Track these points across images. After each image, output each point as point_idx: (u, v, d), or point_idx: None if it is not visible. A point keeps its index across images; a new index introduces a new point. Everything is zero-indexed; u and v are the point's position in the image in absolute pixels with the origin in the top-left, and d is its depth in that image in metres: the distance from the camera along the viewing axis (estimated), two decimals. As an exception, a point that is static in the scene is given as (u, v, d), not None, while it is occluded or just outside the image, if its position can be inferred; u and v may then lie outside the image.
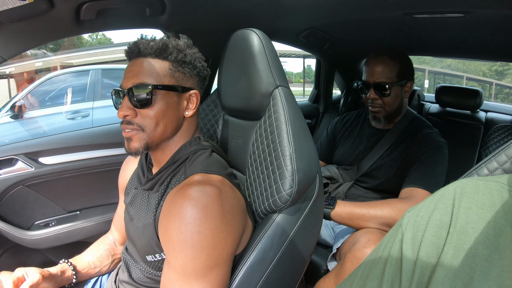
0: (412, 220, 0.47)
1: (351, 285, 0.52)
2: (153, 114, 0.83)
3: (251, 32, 0.97)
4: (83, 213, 1.63)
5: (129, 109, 0.83)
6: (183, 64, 0.86)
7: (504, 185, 0.43)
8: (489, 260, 0.38)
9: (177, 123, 0.88)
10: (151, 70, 0.83)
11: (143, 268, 0.90)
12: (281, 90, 0.93)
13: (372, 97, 1.50)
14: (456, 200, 0.44)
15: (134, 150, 0.84)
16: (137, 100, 0.82)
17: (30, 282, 0.86)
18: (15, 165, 1.48)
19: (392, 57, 1.47)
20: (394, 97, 1.48)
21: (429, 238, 0.44)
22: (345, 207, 1.31)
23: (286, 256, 0.87)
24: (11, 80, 6.73)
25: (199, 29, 1.40)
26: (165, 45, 0.84)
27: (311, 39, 1.91)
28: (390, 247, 0.48)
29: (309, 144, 0.91)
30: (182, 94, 0.87)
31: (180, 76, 0.86)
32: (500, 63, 27.29)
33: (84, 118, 4.61)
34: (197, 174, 0.80)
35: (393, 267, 0.46)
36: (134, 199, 0.95)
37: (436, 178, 1.31)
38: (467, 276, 0.38)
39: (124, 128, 0.85)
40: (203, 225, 0.70)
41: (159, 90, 0.83)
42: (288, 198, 0.83)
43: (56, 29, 1.04)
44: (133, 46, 0.85)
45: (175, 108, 0.86)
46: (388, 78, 1.46)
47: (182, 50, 0.86)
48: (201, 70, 0.91)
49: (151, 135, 0.84)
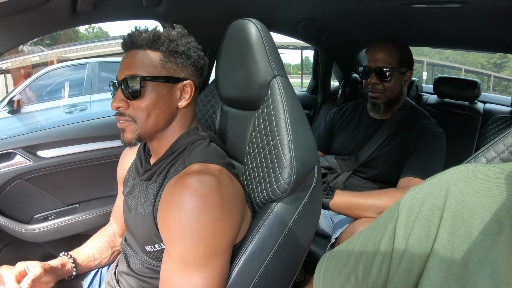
0: (409, 201, 0.47)
1: (351, 251, 0.54)
2: (144, 105, 0.83)
3: (249, 22, 0.96)
4: (82, 206, 1.63)
5: (122, 101, 0.84)
6: (175, 54, 0.85)
7: (503, 170, 0.42)
8: (484, 245, 0.38)
9: (170, 114, 0.87)
10: (142, 62, 0.83)
11: (142, 258, 0.90)
12: (279, 80, 0.93)
13: (373, 81, 1.51)
14: (451, 186, 0.44)
15: (127, 141, 0.86)
16: (129, 92, 0.82)
17: (32, 276, 0.85)
18: (13, 159, 1.47)
19: (394, 44, 1.48)
20: (394, 83, 1.50)
21: (422, 221, 0.44)
22: (343, 197, 1.32)
23: (285, 245, 0.88)
24: (8, 75, 6.69)
25: (196, 20, 1.39)
26: (156, 36, 0.84)
27: (309, 30, 1.90)
28: (387, 224, 0.49)
29: (308, 133, 0.91)
30: (174, 84, 0.86)
31: (173, 66, 0.86)
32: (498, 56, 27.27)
33: (82, 112, 4.59)
34: (196, 164, 0.80)
35: (387, 243, 0.47)
36: (132, 189, 0.95)
37: (433, 168, 1.31)
38: (463, 261, 0.39)
39: (118, 120, 0.86)
40: (202, 215, 0.70)
41: (149, 81, 0.83)
42: (287, 187, 0.83)
43: (52, 22, 1.03)
44: (127, 38, 0.85)
45: (167, 99, 0.86)
46: (390, 63, 1.47)
47: (174, 40, 0.85)
48: (196, 60, 0.89)
49: (143, 126, 0.85)
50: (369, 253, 0.50)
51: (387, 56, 1.47)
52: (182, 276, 0.72)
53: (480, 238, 0.39)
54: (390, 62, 1.47)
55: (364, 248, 0.52)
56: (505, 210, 0.39)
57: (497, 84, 25.58)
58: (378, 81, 1.50)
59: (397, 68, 1.48)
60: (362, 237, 0.54)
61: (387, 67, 1.47)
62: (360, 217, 1.29)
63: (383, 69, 1.48)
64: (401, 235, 0.45)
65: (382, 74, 1.48)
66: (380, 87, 1.51)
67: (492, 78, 24.75)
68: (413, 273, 0.43)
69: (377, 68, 1.48)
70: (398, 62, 1.47)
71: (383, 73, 1.48)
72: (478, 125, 2.16)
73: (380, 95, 1.52)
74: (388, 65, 1.47)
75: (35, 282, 0.86)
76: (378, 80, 1.50)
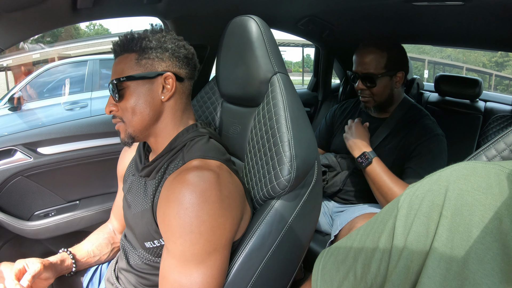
0: (408, 198, 0.47)
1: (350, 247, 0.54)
2: (127, 105, 0.86)
3: (249, 18, 0.96)
4: (82, 203, 1.63)
5: (112, 105, 0.88)
6: (148, 50, 0.85)
7: (503, 168, 0.42)
8: (484, 243, 0.38)
9: (154, 109, 0.87)
10: (120, 65, 0.87)
11: (141, 254, 0.91)
12: (279, 77, 0.93)
13: (360, 87, 1.50)
14: (451, 183, 0.44)
15: (122, 141, 0.90)
16: (113, 95, 0.86)
17: (32, 273, 0.86)
18: (13, 156, 1.47)
19: (380, 48, 1.44)
20: (382, 88, 1.47)
21: (421, 218, 0.44)
22: (380, 166, 1.35)
23: (285, 242, 0.88)
24: (9, 72, 6.69)
25: (197, 16, 1.38)
26: (129, 39, 0.86)
27: (310, 27, 1.89)
28: (387, 220, 0.49)
29: (308, 130, 0.91)
30: (153, 79, 0.86)
31: (148, 62, 0.86)
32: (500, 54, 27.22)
33: (83, 109, 4.59)
34: (195, 159, 0.80)
35: (386, 239, 0.47)
36: (131, 186, 0.96)
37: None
38: (462, 259, 0.38)
39: (113, 122, 0.90)
40: (201, 210, 0.70)
41: (127, 82, 0.85)
42: (287, 184, 0.83)
43: (53, 18, 1.03)
44: (112, 47, 0.90)
45: (148, 95, 0.86)
46: (375, 69, 1.44)
47: (145, 36, 0.86)
48: (175, 51, 0.88)
49: (130, 125, 0.87)
50: (368, 249, 0.50)
51: (373, 61, 1.44)
52: (181, 272, 0.72)
53: (479, 236, 0.38)
54: (375, 67, 1.44)
55: (363, 244, 0.52)
56: (505, 207, 0.38)
57: (498, 83, 25.51)
58: (365, 87, 1.49)
59: (385, 72, 1.44)
60: (360, 234, 0.54)
61: (371, 73, 1.45)
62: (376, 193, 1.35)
63: (368, 75, 1.46)
64: (400, 232, 0.45)
65: (368, 80, 1.47)
66: (367, 92, 1.49)
67: (494, 77, 24.69)
68: (412, 271, 0.43)
69: (363, 73, 1.47)
70: (386, 65, 1.44)
71: (369, 78, 1.46)
72: (479, 124, 2.15)
73: (369, 99, 1.51)
74: (373, 70, 1.44)
75: (35, 278, 0.86)
76: (365, 86, 1.49)
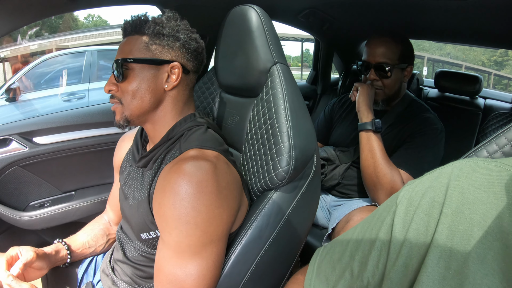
0: (408, 194, 0.46)
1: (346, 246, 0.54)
2: (129, 87, 0.84)
3: (249, 8, 0.95)
4: (78, 193, 1.63)
5: (112, 84, 0.86)
6: (160, 36, 0.84)
7: (505, 166, 0.41)
8: (485, 242, 0.37)
9: (155, 97, 0.86)
10: (129, 46, 0.85)
11: (137, 246, 0.90)
12: (279, 67, 0.92)
13: (372, 78, 1.46)
14: (452, 180, 0.43)
15: (117, 123, 0.88)
16: (116, 75, 0.84)
17: (23, 260, 0.85)
18: (9, 146, 1.46)
19: (395, 39, 1.43)
20: (394, 80, 1.45)
21: (421, 215, 0.43)
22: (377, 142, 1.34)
23: (282, 234, 0.87)
24: (6, 63, 6.64)
25: (196, 6, 1.36)
26: (143, 21, 0.85)
27: (311, 19, 1.88)
28: (385, 217, 0.48)
29: (307, 121, 0.90)
30: (160, 66, 0.85)
31: (158, 48, 0.84)
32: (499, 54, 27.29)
33: (80, 100, 4.56)
34: (192, 149, 0.79)
35: (384, 236, 0.46)
36: (128, 177, 0.94)
37: (422, 165, 1.29)
38: (462, 258, 0.38)
39: (111, 102, 0.88)
40: (198, 201, 0.69)
41: (133, 64, 0.83)
42: (285, 175, 0.82)
43: (50, 5, 1.01)
44: (122, 25, 0.88)
45: (152, 81, 0.85)
46: (390, 59, 1.42)
47: (159, 22, 0.85)
48: (186, 42, 0.87)
49: (128, 108, 0.85)
50: (365, 247, 0.49)
51: (388, 51, 1.42)
52: (176, 263, 0.71)
53: (480, 235, 0.38)
54: (390, 57, 1.42)
55: (359, 242, 0.51)
56: (507, 207, 0.38)
57: (497, 82, 25.60)
58: (377, 77, 1.46)
59: (398, 64, 1.43)
60: (357, 231, 0.54)
61: (387, 63, 1.42)
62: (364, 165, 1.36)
63: (382, 65, 1.43)
64: (399, 228, 0.45)
65: (382, 70, 1.44)
66: (379, 84, 1.47)
67: (493, 76, 24.77)
68: (411, 268, 0.42)
69: (377, 63, 1.44)
70: (399, 57, 1.43)
71: (382, 69, 1.43)
72: (478, 121, 2.15)
73: (379, 92, 1.48)
74: (388, 61, 1.42)
75: (26, 266, 0.85)
76: (377, 77, 1.46)
